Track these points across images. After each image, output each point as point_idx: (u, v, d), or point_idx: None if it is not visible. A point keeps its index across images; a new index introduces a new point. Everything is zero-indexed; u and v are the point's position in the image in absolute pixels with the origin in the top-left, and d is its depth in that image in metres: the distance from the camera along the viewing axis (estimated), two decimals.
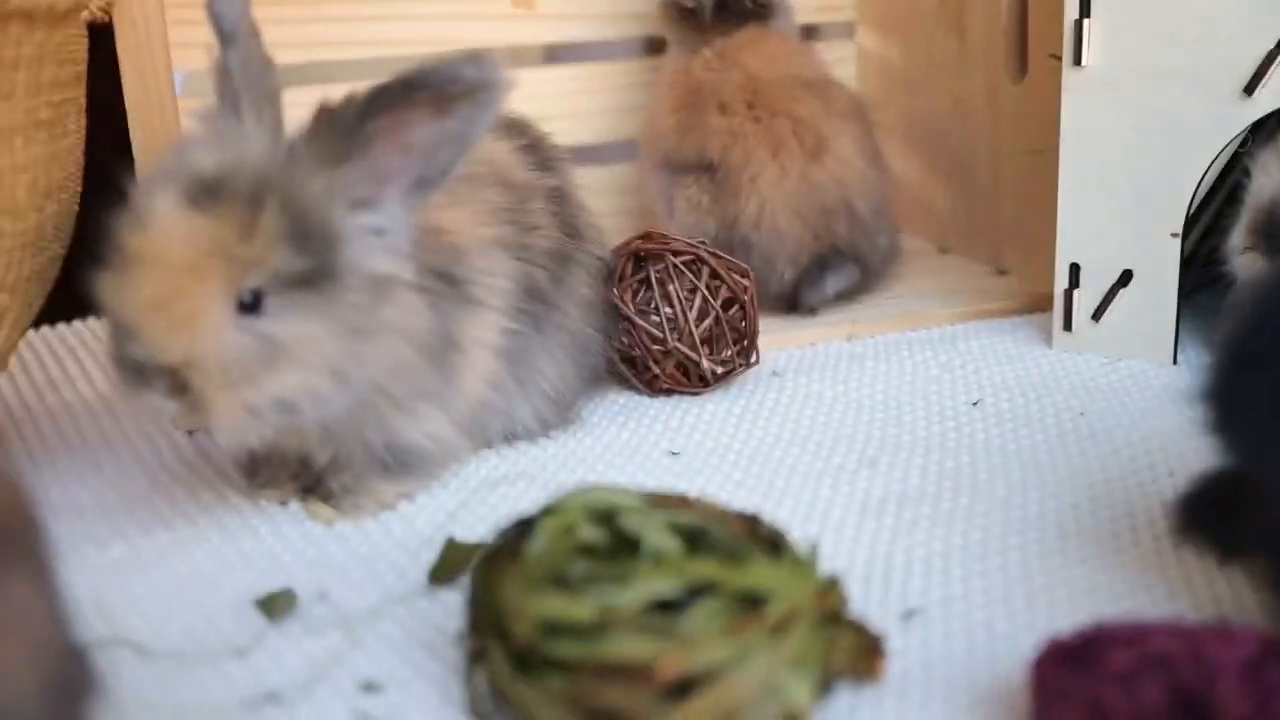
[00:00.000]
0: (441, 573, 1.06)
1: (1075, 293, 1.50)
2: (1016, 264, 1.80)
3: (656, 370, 1.41)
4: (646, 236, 1.45)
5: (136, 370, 1.02)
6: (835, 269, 1.66)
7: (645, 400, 1.44)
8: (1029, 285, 1.73)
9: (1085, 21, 1.41)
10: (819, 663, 0.82)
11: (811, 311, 1.67)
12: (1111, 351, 1.49)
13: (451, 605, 1.01)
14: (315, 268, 1.03)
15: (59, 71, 1.14)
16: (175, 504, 1.24)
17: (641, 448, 1.31)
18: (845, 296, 1.70)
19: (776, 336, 1.58)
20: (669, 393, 1.44)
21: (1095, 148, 1.45)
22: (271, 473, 1.23)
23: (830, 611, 0.85)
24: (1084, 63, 1.43)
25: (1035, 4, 1.67)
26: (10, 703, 0.66)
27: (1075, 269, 1.49)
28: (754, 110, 1.67)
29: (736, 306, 1.42)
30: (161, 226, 1.00)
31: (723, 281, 1.41)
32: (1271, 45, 1.33)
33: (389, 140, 1.06)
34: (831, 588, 0.86)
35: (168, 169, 1.04)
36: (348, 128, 1.05)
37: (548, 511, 0.92)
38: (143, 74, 1.32)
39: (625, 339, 1.41)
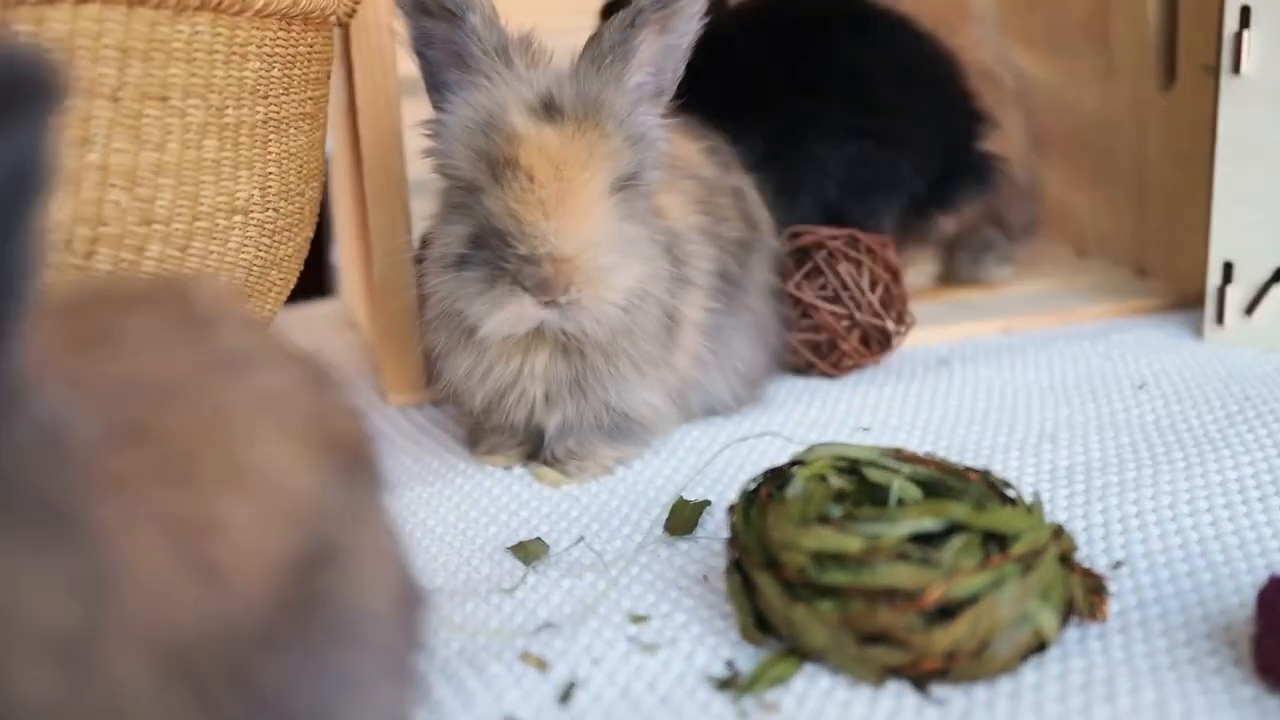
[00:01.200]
0: (675, 525, 1.16)
1: (1228, 289, 1.58)
2: (1159, 265, 1.88)
3: (844, 346, 1.51)
4: (796, 234, 1.55)
5: (514, 277, 1.14)
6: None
7: (824, 383, 1.54)
8: (1173, 284, 1.81)
9: (1244, 32, 1.50)
10: (1061, 595, 0.91)
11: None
12: (1264, 345, 1.57)
13: (689, 552, 1.11)
14: (636, 169, 1.19)
15: (319, 69, 1.26)
16: (408, 469, 1.35)
17: (831, 424, 1.40)
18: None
19: (936, 329, 1.67)
20: (853, 369, 1.54)
21: (1251, 152, 1.53)
22: (496, 440, 1.34)
23: (1064, 552, 0.94)
24: (1242, 71, 1.51)
25: (1184, 15, 1.76)
26: (375, 615, 0.76)
27: (1228, 267, 1.57)
28: None
29: (891, 274, 1.53)
30: (534, 140, 1.14)
31: (877, 254, 1.52)
32: None
33: (637, 58, 1.20)
34: (1063, 532, 0.95)
35: (494, 101, 1.17)
36: (618, 48, 1.18)
37: (797, 463, 1.02)
38: (374, 75, 1.44)
39: (809, 327, 1.51)
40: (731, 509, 1.01)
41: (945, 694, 0.88)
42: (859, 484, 0.99)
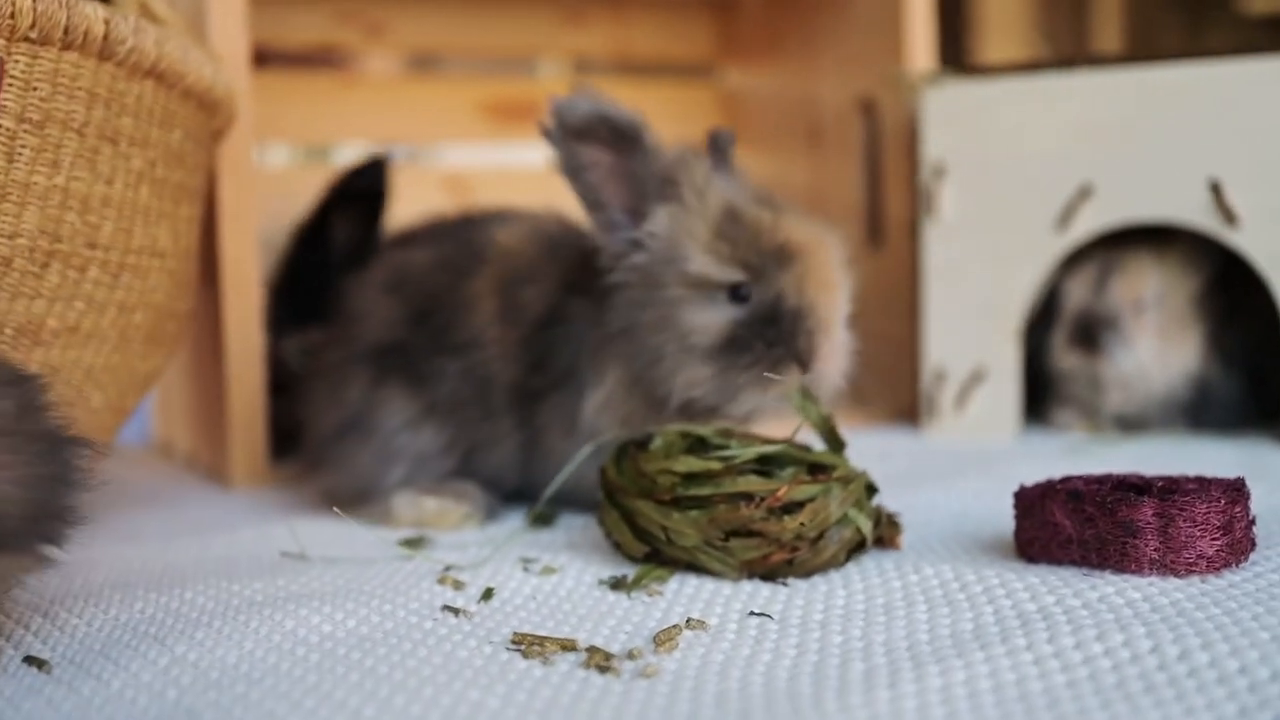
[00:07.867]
0: (538, 519, 1.37)
1: (939, 389, 1.93)
2: (872, 391, 2.20)
3: None
4: None
5: None
6: None
7: None
8: (888, 404, 2.15)
9: (939, 184, 1.90)
10: (870, 511, 1.17)
11: None
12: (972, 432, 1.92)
13: (551, 534, 1.32)
14: None
15: (208, 157, 1.47)
16: None
17: None
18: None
19: None
20: None
21: (952, 279, 1.91)
22: None
23: (868, 484, 1.20)
24: (940, 215, 1.90)
25: (888, 182, 2.16)
26: None
27: (939, 374, 1.93)
28: None
29: None
30: None
31: None
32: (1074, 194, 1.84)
33: None
34: (865, 472, 1.22)
35: None
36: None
37: (649, 435, 1.26)
38: (238, 174, 1.66)
39: None
40: (603, 468, 1.24)
41: (789, 582, 1.12)
42: (701, 446, 1.24)
